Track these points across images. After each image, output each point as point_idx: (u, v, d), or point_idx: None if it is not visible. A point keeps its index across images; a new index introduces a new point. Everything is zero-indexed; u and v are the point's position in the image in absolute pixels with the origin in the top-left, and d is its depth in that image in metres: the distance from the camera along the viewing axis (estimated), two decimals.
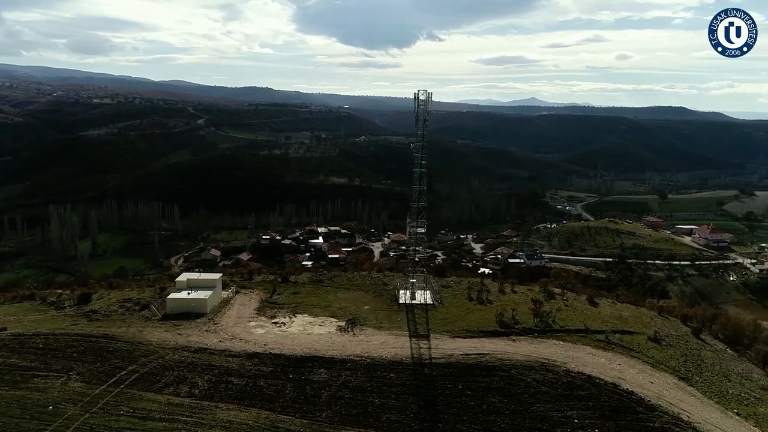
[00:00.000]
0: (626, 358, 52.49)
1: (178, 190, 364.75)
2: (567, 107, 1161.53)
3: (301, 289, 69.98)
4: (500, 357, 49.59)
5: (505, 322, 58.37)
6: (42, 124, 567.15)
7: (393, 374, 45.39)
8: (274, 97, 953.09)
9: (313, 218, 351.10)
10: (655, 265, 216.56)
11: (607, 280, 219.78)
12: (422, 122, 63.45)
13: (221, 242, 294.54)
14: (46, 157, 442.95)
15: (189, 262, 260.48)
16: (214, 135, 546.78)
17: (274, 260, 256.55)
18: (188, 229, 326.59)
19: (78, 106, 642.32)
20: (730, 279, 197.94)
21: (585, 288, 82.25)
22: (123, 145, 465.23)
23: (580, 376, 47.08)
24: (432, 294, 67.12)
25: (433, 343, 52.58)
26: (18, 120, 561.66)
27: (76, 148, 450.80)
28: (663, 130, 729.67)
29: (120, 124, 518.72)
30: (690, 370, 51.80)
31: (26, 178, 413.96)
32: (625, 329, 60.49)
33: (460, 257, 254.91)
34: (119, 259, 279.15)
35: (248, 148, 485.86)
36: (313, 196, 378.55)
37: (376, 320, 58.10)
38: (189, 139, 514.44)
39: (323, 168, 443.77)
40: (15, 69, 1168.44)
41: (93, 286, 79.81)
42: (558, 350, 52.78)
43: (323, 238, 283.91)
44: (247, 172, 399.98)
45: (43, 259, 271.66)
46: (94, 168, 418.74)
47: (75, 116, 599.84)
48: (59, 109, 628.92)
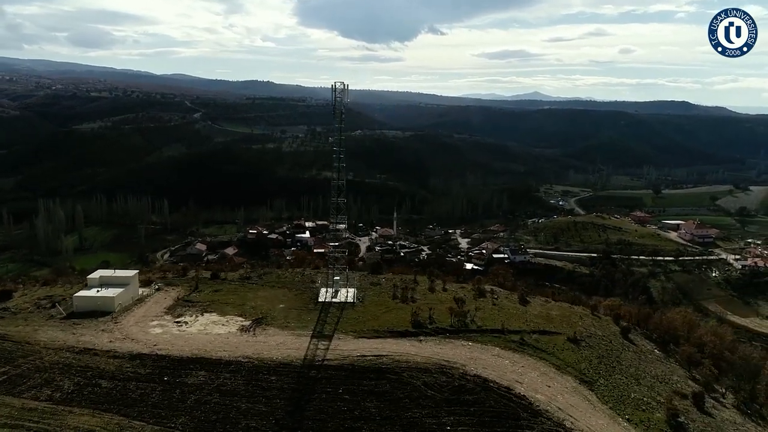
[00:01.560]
0: (534, 360, 50.75)
1: (169, 184, 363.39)
2: (570, 101, 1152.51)
3: (225, 286, 68.41)
4: (398, 359, 47.92)
5: (420, 322, 56.62)
6: (39, 118, 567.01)
7: (275, 377, 43.77)
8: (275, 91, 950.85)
9: (303, 213, 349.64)
10: (639, 260, 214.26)
11: (591, 276, 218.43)
12: (339, 115, 61.44)
13: (208, 236, 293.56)
14: (39, 151, 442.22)
15: (174, 256, 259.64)
16: (209, 129, 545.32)
17: (260, 255, 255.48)
18: (178, 223, 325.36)
19: (75, 99, 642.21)
20: (712, 275, 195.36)
21: (526, 286, 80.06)
22: (116, 139, 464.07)
23: (474, 379, 45.37)
24: (355, 292, 65.42)
25: (334, 344, 50.93)
26: (15, 113, 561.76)
27: (69, 142, 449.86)
28: (664, 125, 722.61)
29: (115, 118, 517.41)
30: (599, 373, 49.98)
31: (19, 171, 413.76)
32: (547, 329, 58.73)
33: (445, 252, 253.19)
34: (105, 253, 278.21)
35: (242, 142, 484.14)
36: (305, 191, 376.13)
37: (285, 320, 56.46)
38: (184, 133, 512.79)
39: (317, 162, 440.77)
40: (16, 62, 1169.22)
41: (24, 283, 78.35)
42: (464, 352, 51.08)
43: (310, 232, 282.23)
44: (239, 166, 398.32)
45: (29, 253, 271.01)
46: (87, 162, 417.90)
47: (72, 110, 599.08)
48: (56, 102, 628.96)
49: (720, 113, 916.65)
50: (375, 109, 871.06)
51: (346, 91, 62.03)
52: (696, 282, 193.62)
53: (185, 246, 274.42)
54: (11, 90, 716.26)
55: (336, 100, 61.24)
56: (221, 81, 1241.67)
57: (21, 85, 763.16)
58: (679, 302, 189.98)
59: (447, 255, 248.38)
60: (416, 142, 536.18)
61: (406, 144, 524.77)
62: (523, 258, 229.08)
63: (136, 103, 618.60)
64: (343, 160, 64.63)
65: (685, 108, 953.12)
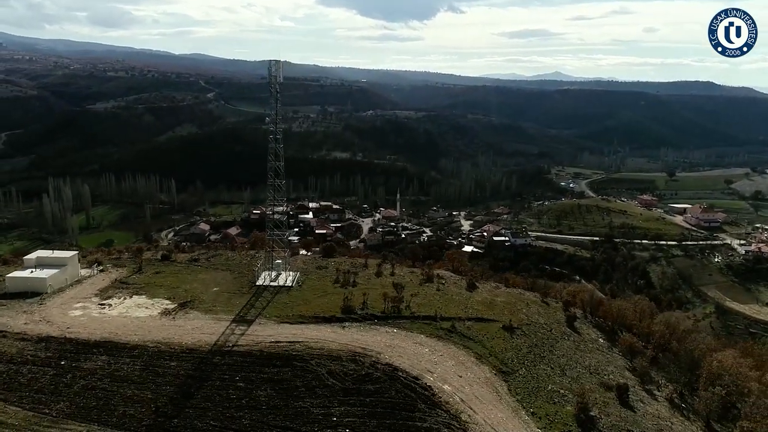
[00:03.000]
0: (456, 348, 49.25)
1: (178, 164, 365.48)
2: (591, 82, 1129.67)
3: (169, 269, 67.80)
4: (312, 345, 46.75)
5: (350, 307, 55.32)
6: (55, 98, 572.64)
7: (175, 363, 42.94)
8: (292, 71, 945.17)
9: (310, 193, 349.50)
10: (641, 245, 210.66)
11: (591, 260, 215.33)
12: (275, 94, 59.74)
13: (212, 216, 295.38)
14: (52, 131, 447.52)
15: (179, 236, 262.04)
16: (222, 109, 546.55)
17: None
18: (185, 202, 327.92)
19: (92, 79, 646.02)
20: (714, 260, 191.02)
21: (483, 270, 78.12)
22: (129, 119, 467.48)
23: (385, 368, 44.03)
24: (296, 276, 64.36)
25: (252, 329, 49.95)
26: (32, 93, 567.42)
27: (82, 122, 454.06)
28: (685, 106, 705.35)
29: (128, 98, 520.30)
30: (523, 363, 48.35)
31: (33, 151, 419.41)
32: (484, 317, 57.10)
33: (446, 234, 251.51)
34: (111, 232, 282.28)
35: (253, 122, 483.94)
36: (313, 171, 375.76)
37: (212, 303, 55.64)
38: (196, 113, 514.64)
39: (326, 143, 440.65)
40: (37, 42, 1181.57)
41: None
42: (385, 339, 49.74)
43: (313, 213, 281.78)
44: (247, 146, 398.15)
45: (37, 231, 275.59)
46: (99, 142, 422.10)
47: (88, 89, 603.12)
48: (73, 82, 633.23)
49: (746, 94, 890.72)
50: (391, 90, 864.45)
51: (280, 71, 60.24)
52: (697, 267, 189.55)
53: (189, 226, 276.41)
54: (30, 70, 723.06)
55: (271, 79, 59.40)
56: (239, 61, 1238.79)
57: (40, 64, 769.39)
58: (678, 287, 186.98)
59: (448, 237, 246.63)
60: (428, 122, 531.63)
61: (417, 125, 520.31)
62: (523, 241, 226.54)
63: (151, 82, 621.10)
64: (281, 140, 63.02)
65: (710, 88, 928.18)
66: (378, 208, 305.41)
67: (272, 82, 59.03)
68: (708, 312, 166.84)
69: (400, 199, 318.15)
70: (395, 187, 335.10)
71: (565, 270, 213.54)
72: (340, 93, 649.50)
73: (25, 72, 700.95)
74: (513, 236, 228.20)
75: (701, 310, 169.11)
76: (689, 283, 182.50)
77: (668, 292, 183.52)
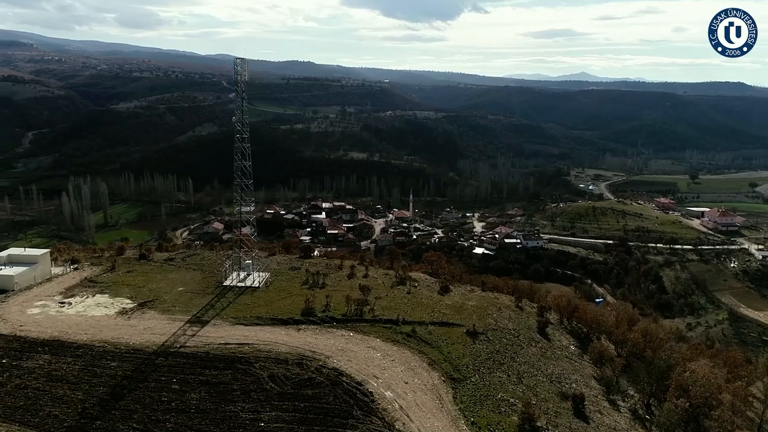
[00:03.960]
0: (410, 353, 48.06)
1: (196, 163, 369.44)
2: (617, 82, 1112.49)
3: (141, 268, 67.71)
4: (261, 348, 46.08)
5: (311, 309, 54.47)
6: (81, 97, 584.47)
7: (116, 363, 42.57)
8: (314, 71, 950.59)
9: (326, 193, 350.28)
10: (656, 248, 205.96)
11: (604, 263, 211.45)
12: (241, 92, 59.18)
13: (227, 216, 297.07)
14: (76, 130, 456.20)
15: (193, 234, 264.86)
16: None
17: (275, 234, 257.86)
18: (202, 201, 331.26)
19: (117, 79, 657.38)
20: (730, 265, 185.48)
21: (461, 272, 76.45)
22: (150, 118, 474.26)
23: (330, 373, 43.14)
24: (266, 277, 63.77)
25: (206, 330, 49.42)
26: (59, 93, 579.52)
27: (105, 121, 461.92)
28: (713, 107, 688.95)
29: (150, 98, 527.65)
30: (478, 370, 46.85)
31: (57, 150, 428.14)
32: (449, 321, 55.71)
33: (458, 236, 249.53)
34: (128, 229, 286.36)
35: (272, 122, 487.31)
36: (330, 171, 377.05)
37: (173, 303, 55.26)
38: (217, 113, 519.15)
39: (344, 143, 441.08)
40: (67, 43, 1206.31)
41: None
42: (339, 343, 48.83)
43: (326, 213, 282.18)
44: (264, 146, 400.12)
45: (56, 228, 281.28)
46: (120, 141, 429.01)
47: (113, 89, 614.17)
48: (99, 82, 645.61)
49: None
50: (413, 90, 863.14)
51: (246, 69, 59.72)
52: (712, 272, 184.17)
53: (203, 225, 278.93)
54: (59, 70, 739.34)
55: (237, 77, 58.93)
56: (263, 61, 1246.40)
57: (69, 65, 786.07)
58: (691, 293, 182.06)
59: (459, 239, 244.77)
60: (447, 123, 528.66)
61: (436, 125, 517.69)
62: (535, 243, 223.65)
63: (175, 83, 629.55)
64: (248, 140, 62.50)
65: (740, 89, 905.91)
66: (391, 209, 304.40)
67: (238, 80, 58.51)
68: (721, 318, 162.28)
69: (415, 200, 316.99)
70: (411, 188, 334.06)
71: (577, 273, 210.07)
72: (360, 93, 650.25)
73: (53, 72, 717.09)
74: (525, 238, 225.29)
75: (714, 316, 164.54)
76: (703, 288, 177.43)
77: (681, 298, 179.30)
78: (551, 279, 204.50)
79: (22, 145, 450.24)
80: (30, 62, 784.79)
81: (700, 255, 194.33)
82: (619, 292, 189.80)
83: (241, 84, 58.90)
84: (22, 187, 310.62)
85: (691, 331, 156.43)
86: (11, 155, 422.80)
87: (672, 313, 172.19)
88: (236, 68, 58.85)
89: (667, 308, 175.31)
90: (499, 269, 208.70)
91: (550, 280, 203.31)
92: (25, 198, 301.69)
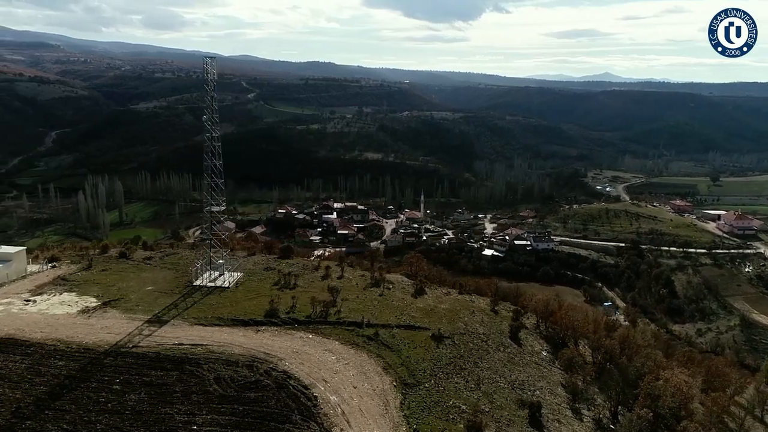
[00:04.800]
0: (367, 357, 47.03)
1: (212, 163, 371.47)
2: (642, 83, 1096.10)
3: (117, 266, 67.62)
4: (214, 349, 45.40)
5: (275, 311, 53.79)
6: (104, 98, 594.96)
7: (63, 362, 42.25)
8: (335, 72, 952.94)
9: (341, 193, 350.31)
10: (669, 252, 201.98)
11: (615, 266, 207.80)
12: (211, 91, 58.83)
13: (239, 215, 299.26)
14: (97, 130, 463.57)
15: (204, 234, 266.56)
16: (261, 109, 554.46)
17: (286, 234, 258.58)
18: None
19: (140, 80, 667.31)
20: (744, 270, 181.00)
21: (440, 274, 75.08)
22: (169, 118, 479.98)
23: (279, 375, 42.33)
24: (237, 277, 63.32)
25: (163, 330, 48.96)
26: (83, 93, 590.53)
27: (125, 121, 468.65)
28: (738, 108, 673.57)
29: (170, 98, 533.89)
30: (435, 375, 45.52)
31: (79, 149, 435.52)
32: (415, 324, 54.50)
33: (468, 237, 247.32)
34: (142, 228, 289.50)
35: (289, 123, 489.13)
36: (345, 171, 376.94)
37: (137, 302, 54.96)
38: (235, 113, 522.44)
39: (359, 143, 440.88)
40: (94, 45, 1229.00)
41: None
42: (295, 344, 48.00)
43: (337, 213, 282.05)
44: (280, 146, 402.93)
45: (72, 226, 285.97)
46: (139, 140, 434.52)
47: (136, 90, 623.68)
48: (122, 83, 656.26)
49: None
50: (433, 91, 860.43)
51: (214, 68, 59.39)
52: (725, 277, 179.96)
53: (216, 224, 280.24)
54: (84, 71, 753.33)
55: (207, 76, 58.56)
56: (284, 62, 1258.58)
57: (94, 66, 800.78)
58: (703, 297, 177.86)
59: (469, 240, 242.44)
60: (464, 123, 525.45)
61: (452, 126, 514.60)
62: (546, 245, 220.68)
63: (195, 83, 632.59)
64: (218, 138, 62.15)
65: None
66: (403, 210, 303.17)
67: (207, 79, 58.13)
68: (732, 324, 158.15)
69: (428, 201, 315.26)
70: (425, 188, 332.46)
71: (588, 276, 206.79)
72: (378, 94, 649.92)
73: (78, 73, 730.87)
74: (535, 240, 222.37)
75: (725, 322, 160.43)
76: (715, 293, 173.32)
77: (692, 302, 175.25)
78: (561, 282, 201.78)
79: (45, 144, 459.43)
80: (56, 63, 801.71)
81: (714, 259, 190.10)
82: (629, 296, 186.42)
83: (211, 82, 58.58)
84: (41, 185, 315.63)
85: (701, 337, 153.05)
86: (34, 154, 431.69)
87: (683, 318, 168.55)
88: (205, 67, 58.51)
89: (678, 313, 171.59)
90: (508, 271, 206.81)
91: (560, 282, 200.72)
92: (43, 196, 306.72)
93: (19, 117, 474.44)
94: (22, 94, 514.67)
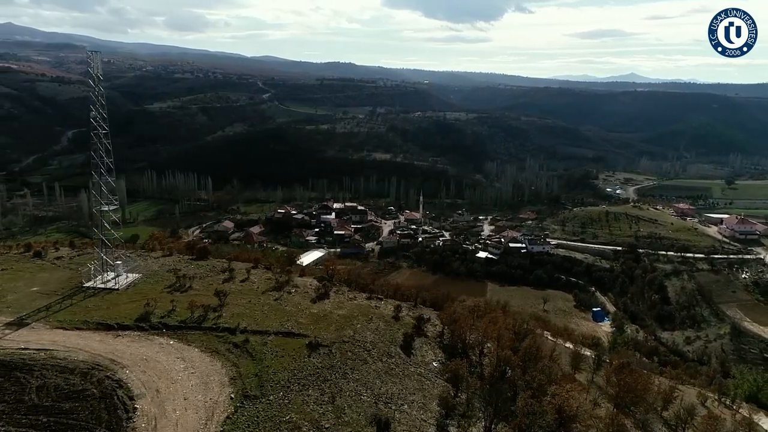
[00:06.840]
0: (220, 366, 44.59)
1: (219, 162, 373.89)
2: (667, 83, 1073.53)
3: (24, 266, 66.25)
4: (56, 355, 43.45)
5: (148, 315, 51.67)
6: (123, 98, 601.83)
7: None
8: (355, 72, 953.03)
9: (346, 193, 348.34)
10: (666, 256, 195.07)
11: (610, 271, 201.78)
12: (95, 87, 57.12)
13: (239, 215, 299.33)
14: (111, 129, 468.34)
15: (204, 232, 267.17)
16: (274, 109, 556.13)
17: (283, 234, 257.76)
18: (221, 200, 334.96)
19: (159, 80, 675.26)
20: (742, 276, 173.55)
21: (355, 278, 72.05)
22: (182, 118, 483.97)
23: (109, 385, 40.19)
24: (133, 279, 61.34)
25: (18, 333, 47.23)
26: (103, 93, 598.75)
27: (138, 121, 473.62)
28: (763, 109, 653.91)
29: (184, 98, 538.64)
30: (288, 387, 42.66)
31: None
32: (296, 331, 51.84)
33: (464, 239, 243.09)
34: (145, 227, 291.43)
35: (300, 122, 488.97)
36: (351, 172, 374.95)
37: (9, 304, 53.24)
38: (248, 113, 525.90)
39: (368, 143, 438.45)
40: (119, 46, 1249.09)
41: None
42: (149, 351, 45.75)
43: (336, 214, 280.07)
44: (288, 146, 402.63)
45: (75, 224, 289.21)
46: (150, 140, 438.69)
47: (155, 90, 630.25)
48: (142, 83, 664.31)
49: None
50: (452, 91, 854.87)
51: (99, 64, 57.67)
52: (720, 283, 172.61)
53: (215, 223, 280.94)
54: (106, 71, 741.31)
55: (93, 72, 56.76)
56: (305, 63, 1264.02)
57: (116, 66, 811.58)
58: (695, 304, 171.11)
59: (464, 242, 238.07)
60: (477, 124, 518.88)
61: (465, 126, 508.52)
62: (540, 248, 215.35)
63: (212, 83, 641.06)
64: (108, 135, 60.25)
65: None
66: (404, 211, 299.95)
67: (92, 75, 56.30)
68: (723, 333, 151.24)
69: (433, 202, 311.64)
70: (431, 189, 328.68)
71: (582, 280, 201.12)
72: (393, 94, 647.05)
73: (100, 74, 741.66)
74: (530, 243, 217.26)
75: (716, 330, 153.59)
76: (708, 300, 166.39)
77: (684, 309, 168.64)
78: (555, 286, 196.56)
79: (61, 143, 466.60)
80: (80, 64, 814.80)
81: (712, 264, 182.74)
82: (621, 302, 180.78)
83: (96, 78, 56.72)
84: (46, 183, 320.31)
85: (688, 345, 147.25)
86: (49, 153, 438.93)
87: (673, 325, 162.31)
88: (90, 62, 56.71)
89: (669, 320, 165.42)
90: (500, 274, 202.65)
91: (554, 287, 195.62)
92: (49, 195, 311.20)
93: (39, 116, 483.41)
94: (42, 94, 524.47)
